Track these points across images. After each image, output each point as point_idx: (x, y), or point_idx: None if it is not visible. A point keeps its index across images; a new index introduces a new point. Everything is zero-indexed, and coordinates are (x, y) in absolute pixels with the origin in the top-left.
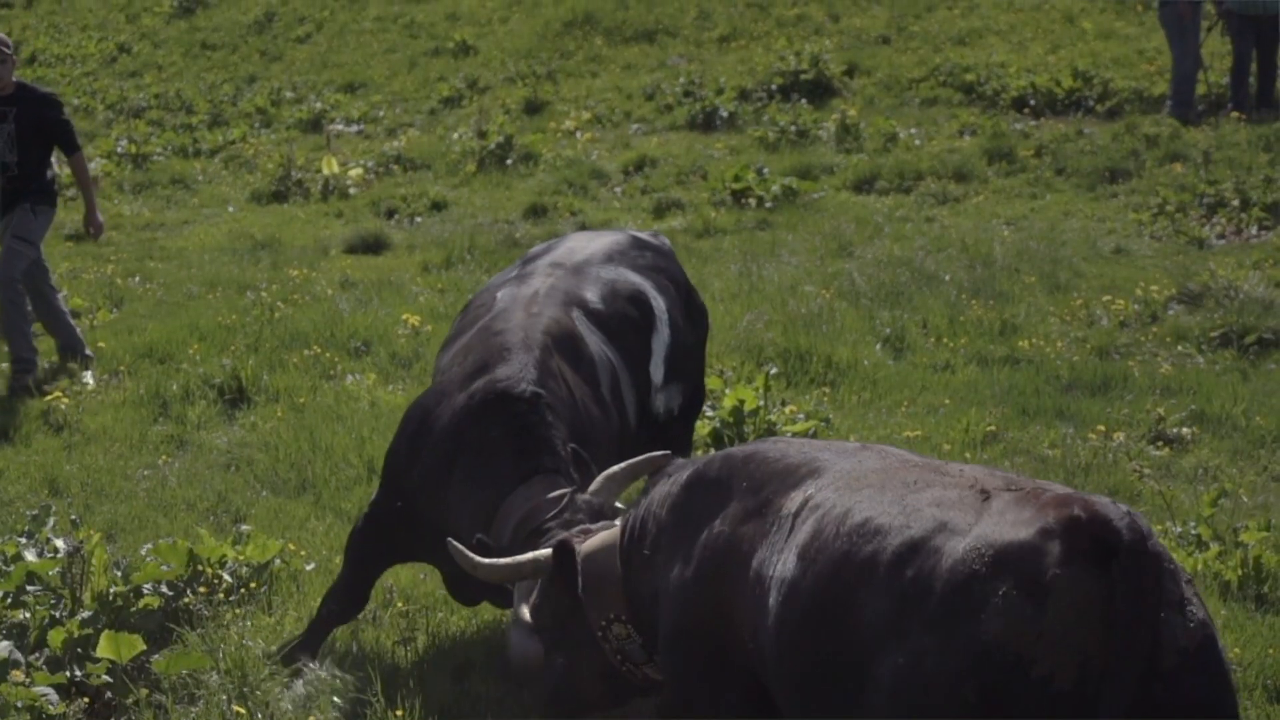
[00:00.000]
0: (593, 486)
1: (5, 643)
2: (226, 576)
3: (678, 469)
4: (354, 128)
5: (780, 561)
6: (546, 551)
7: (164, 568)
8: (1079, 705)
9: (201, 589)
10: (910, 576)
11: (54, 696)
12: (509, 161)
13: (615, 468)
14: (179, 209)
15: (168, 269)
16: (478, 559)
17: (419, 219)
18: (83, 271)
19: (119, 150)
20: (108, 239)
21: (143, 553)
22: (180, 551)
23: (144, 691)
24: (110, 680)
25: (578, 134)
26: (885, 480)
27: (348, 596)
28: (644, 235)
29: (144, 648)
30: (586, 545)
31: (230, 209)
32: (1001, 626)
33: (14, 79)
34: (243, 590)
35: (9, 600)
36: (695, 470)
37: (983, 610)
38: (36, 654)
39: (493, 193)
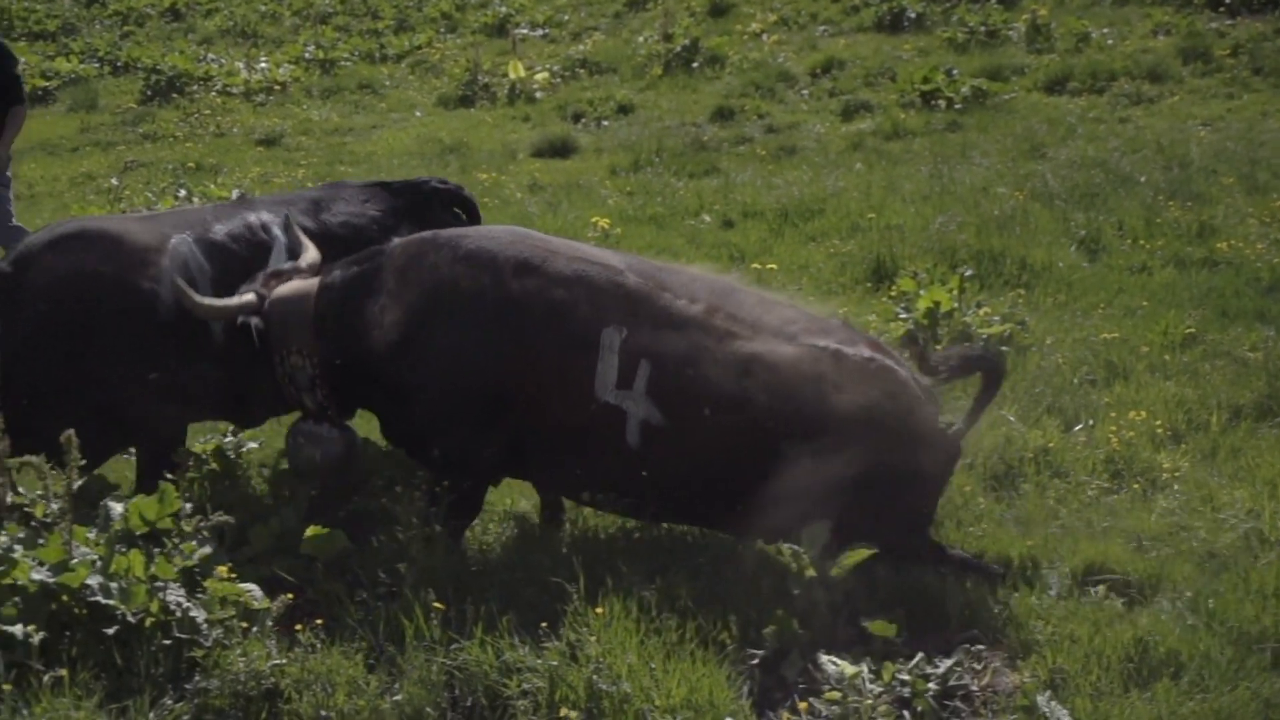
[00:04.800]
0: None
1: (207, 546)
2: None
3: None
4: (539, 31)
5: None
6: (250, 296)
7: None
8: None
9: (395, 487)
10: None
11: (258, 592)
12: (695, 65)
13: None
14: (367, 114)
15: (357, 173)
16: (197, 297)
17: (605, 122)
18: (274, 175)
19: (306, 56)
20: (297, 144)
21: None
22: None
23: (340, 585)
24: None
25: (764, 36)
26: None
27: None
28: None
29: (346, 544)
30: (279, 290)
31: (417, 114)
32: None
33: None
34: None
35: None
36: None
37: None
38: (239, 551)
39: (679, 96)
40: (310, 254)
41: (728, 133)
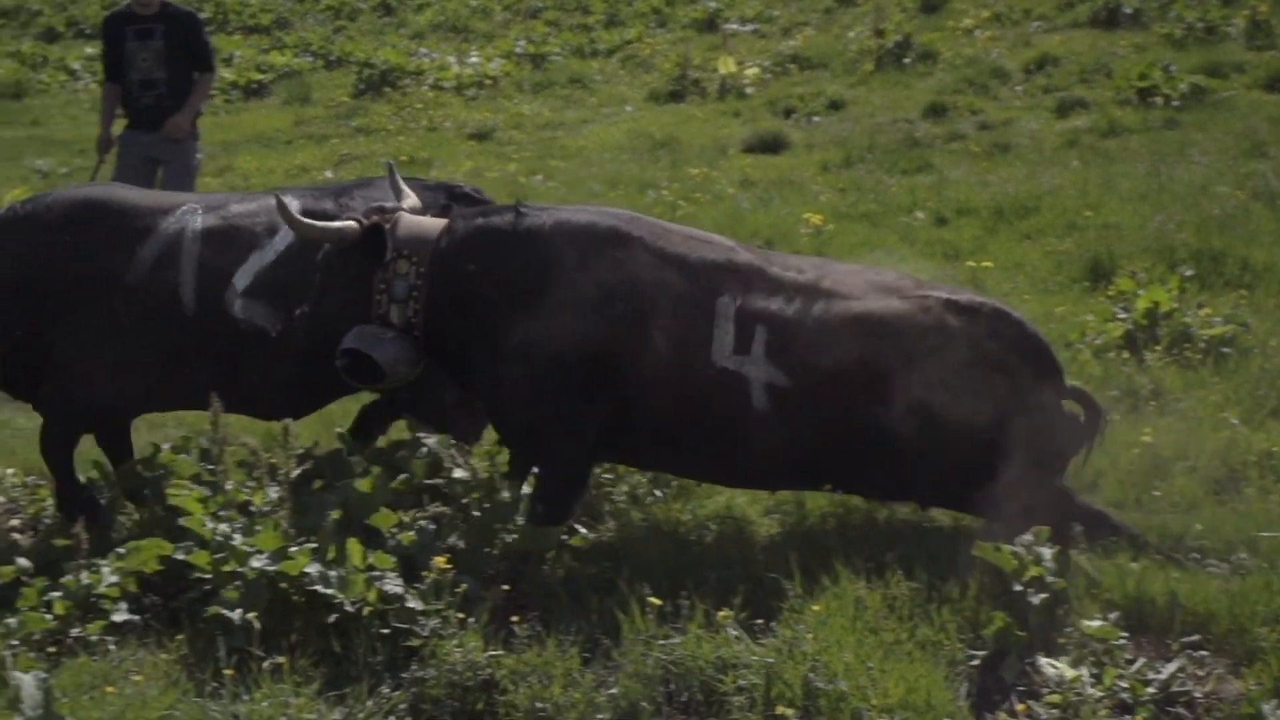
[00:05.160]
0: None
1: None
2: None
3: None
4: (749, 27)
5: None
6: (350, 222)
7: None
8: None
9: (606, 477)
10: None
11: (473, 583)
12: (906, 60)
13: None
14: (577, 108)
15: (569, 167)
16: (300, 217)
17: (816, 118)
18: (486, 169)
19: (517, 50)
20: (508, 138)
21: None
22: None
23: (555, 578)
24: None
25: (976, 32)
26: None
27: None
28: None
29: (560, 538)
30: (403, 214)
31: (628, 109)
32: None
33: None
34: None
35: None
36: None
37: None
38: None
39: (890, 92)
40: (412, 199)
41: (940, 129)
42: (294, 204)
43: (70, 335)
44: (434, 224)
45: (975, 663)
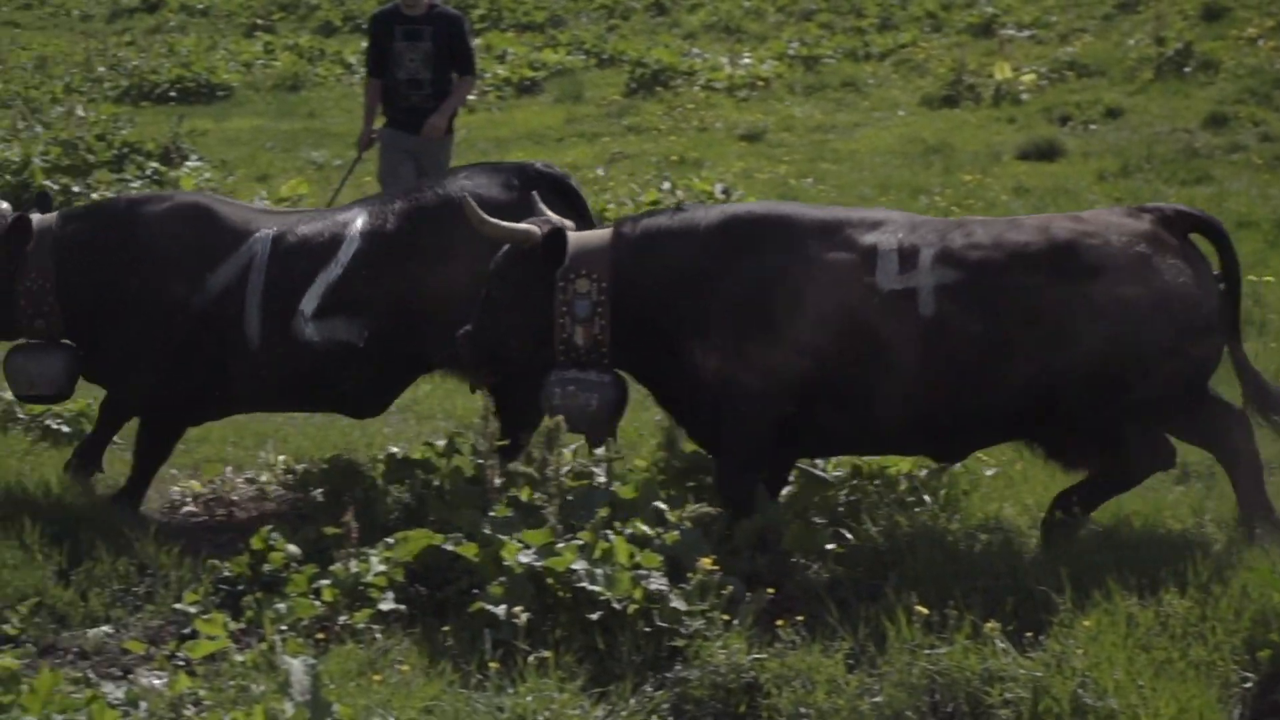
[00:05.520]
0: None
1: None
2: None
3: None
4: (1026, 32)
5: None
6: (530, 226)
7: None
8: None
9: (874, 484)
10: None
11: (738, 585)
12: (1187, 69)
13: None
14: (849, 112)
15: (839, 171)
16: (485, 216)
17: (1093, 126)
18: (756, 171)
19: (789, 53)
20: (779, 140)
21: None
22: None
23: (821, 582)
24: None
25: (1260, 41)
26: None
27: None
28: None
29: (828, 544)
30: (579, 233)
31: (900, 113)
32: None
33: None
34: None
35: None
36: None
37: None
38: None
39: (1170, 101)
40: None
41: (1221, 140)
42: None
43: None
44: (600, 236)
45: (1249, 685)
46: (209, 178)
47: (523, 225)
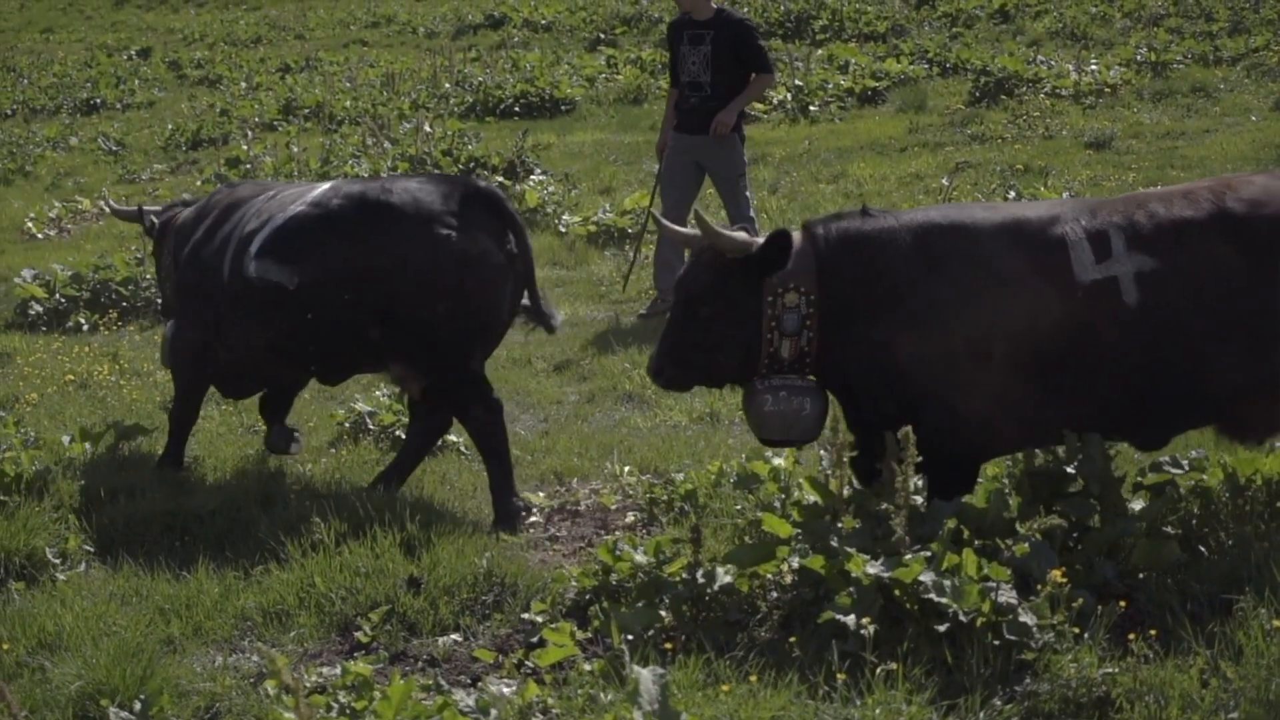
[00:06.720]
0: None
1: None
2: None
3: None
4: None
5: None
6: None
7: None
8: None
9: (1225, 494)
10: None
11: (1089, 598)
12: None
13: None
14: (1199, 118)
15: (1190, 178)
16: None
17: None
18: (1103, 179)
19: (1138, 58)
20: (1126, 147)
21: None
22: None
23: (1173, 596)
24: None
25: None
26: None
27: None
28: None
29: (1178, 554)
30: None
31: (1253, 118)
32: None
33: (712, 4)
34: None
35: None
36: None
37: None
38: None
39: None
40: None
41: None
42: None
43: None
44: (801, 248)
45: None
46: (552, 191)
47: (740, 235)
